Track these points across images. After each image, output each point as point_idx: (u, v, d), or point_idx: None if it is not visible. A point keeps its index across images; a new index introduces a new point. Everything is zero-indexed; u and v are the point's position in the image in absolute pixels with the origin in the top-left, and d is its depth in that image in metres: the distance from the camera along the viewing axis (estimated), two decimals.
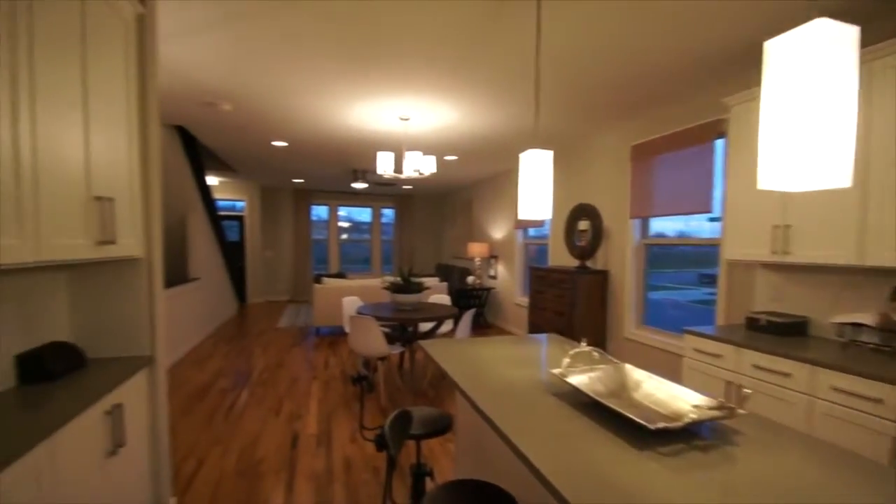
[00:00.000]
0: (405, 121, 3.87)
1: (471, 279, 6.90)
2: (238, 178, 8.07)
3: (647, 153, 3.79)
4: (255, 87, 3.24)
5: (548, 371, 1.64)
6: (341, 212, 9.78)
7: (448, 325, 4.48)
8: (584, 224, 4.37)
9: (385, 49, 2.60)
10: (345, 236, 9.81)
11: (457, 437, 2.29)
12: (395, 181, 7.46)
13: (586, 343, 1.61)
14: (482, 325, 6.85)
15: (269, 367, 4.61)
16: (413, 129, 4.21)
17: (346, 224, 9.87)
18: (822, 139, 0.84)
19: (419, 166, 3.67)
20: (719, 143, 3.18)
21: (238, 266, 8.49)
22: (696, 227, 3.66)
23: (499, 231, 6.93)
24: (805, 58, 0.84)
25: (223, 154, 5.78)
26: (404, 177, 3.80)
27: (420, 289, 3.78)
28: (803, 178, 0.86)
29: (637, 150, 3.90)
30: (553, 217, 5.33)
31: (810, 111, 0.84)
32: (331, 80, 3.09)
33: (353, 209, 9.92)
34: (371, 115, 3.82)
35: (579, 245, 4.49)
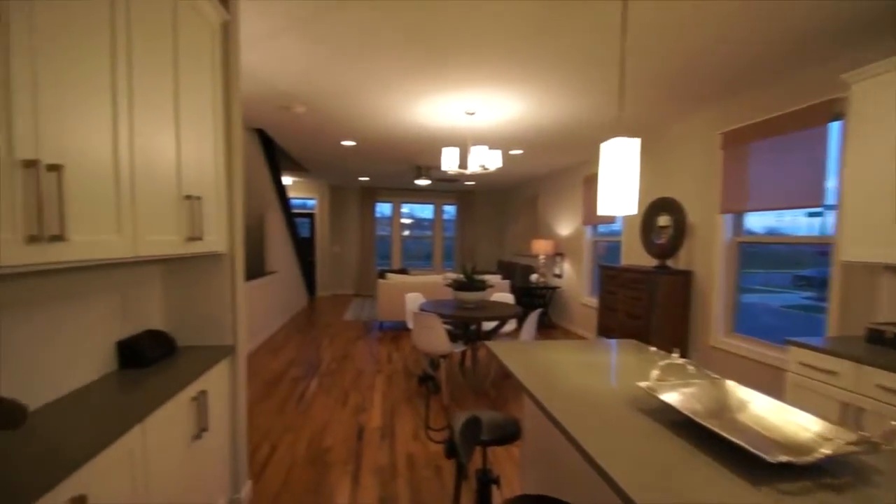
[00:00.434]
0: (471, 115, 3.79)
1: (534, 277, 6.68)
2: (310, 177, 8.51)
3: (741, 140, 3.38)
4: (328, 88, 3.35)
5: (634, 383, 1.49)
6: (404, 208, 9.97)
7: (511, 324, 4.35)
8: (664, 220, 4.01)
9: (459, 40, 2.54)
10: (406, 233, 10.00)
11: (523, 444, 2.18)
12: (458, 177, 7.43)
13: (678, 354, 1.43)
14: (546, 325, 6.62)
15: (336, 358, 4.79)
16: (478, 123, 4.12)
17: (408, 220, 10.05)
18: None
19: (485, 161, 3.58)
20: (834, 127, 2.74)
21: (308, 261, 8.97)
22: (790, 223, 3.21)
23: (565, 227, 6.64)
24: None
25: (297, 155, 6.10)
26: (469, 172, 3.74)
27: (483, 287, 3.70)
28: None
29: (730, 138, 3.50)
30: (614, 213, 4.97)
31: None
32: (401, 76, 3.10)
33: (415, 206, 10.07)
34: (437, 110, 3.79)
35: (658, 243, 4.14)
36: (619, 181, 1.55)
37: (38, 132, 0.92)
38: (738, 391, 1.32)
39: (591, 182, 5.77)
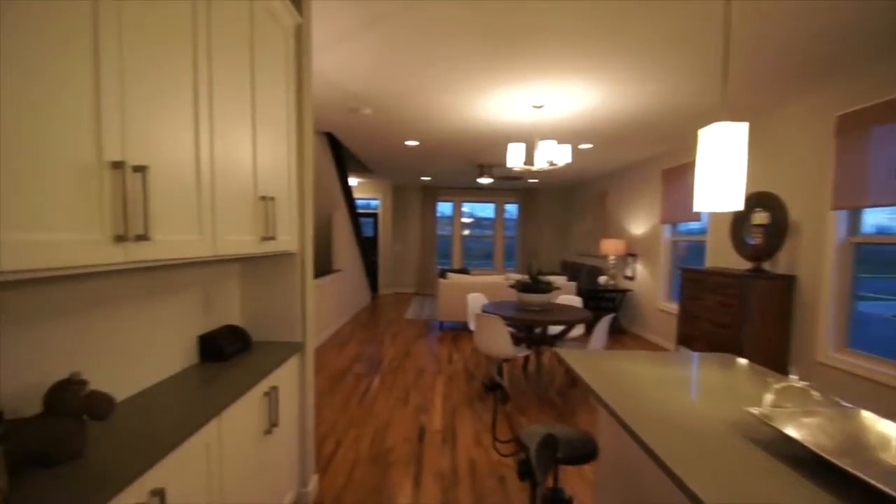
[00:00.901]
0: (538, 109, 3.63)
1: (603, 279, 6.30)
2: (374, 178, 8.75)
3: (861, 124, 2.89)
4: (394, 88, 3.36)
5: (739, 407, 1.28)
6: (465, 207, 9.93)
7: (578, 329, 4.11)
8: (760, 217, 3.56)
9: (530, 30, 2.41)
10: (466, 232, 9.95)
11: (598, 463, 2.01)
12: (522, 175, 7.23)
13: (797, 378, 1.20)
14: (615, 330, 6.23)
15: (397, 356, 4.84)
16: (546, 117, 3.94)
17: (467, 220, 9.99)
18: None
19: (553, 157, 3.40)
20: None
21: (371, 259, 9.24)
22: None
23: (639, 226, 6.19)
24: None
25: (363, 156, 6.28)
26: (535, 169, 3.57)
27: (549, 289, 3.53)
28: None
29: (847, 122, 3.01)
30: (714, 209, 4.52)
31: None
32: (467, 71, 3.03)
33: (476, 205, 9.99)
34: (503, 105, 3.67)
35: (752, 243, 3.69)
36: (722, 172, 1.35)
37: (124, 136, 0.95)
38: (878, 425, 1.08)
39: (671, 176, 5.31)
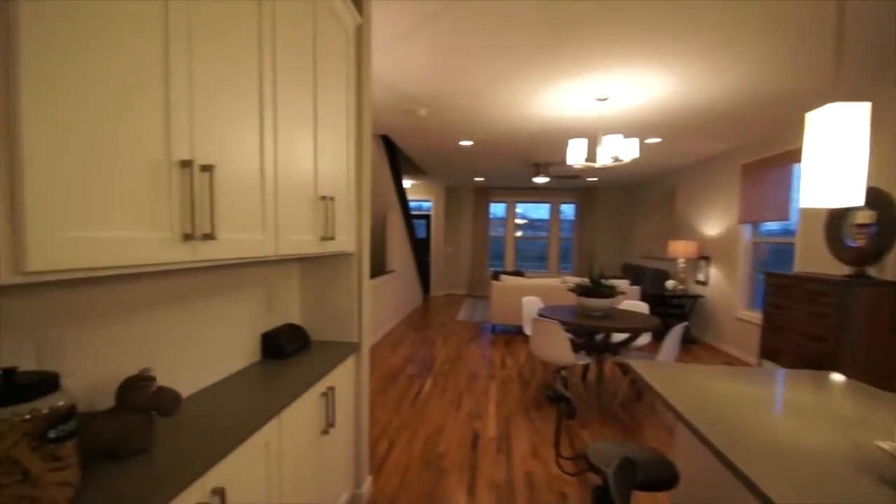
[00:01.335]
0: (602, 101, 3.42)
1: (671, 284, 5.85)
2: (427, 179, 8.81)
3: None
4: (451, 87, 3.32)
5: (864, 440, 1.07)
6: (518, 208, 9.71)
7: (644, 337, 3.83)
8: (864, 216, 3.10)
9: (596, 16, 2.26)
10: (519, 233, 9.72)
11: (677, 491, 1.81)
12: (581, 173, 6.92)
13: None
14: (685, 339, 5.76)
15: (449, 358, 4.79)
16: (610, 110, 3.71)
17: (520, 221, 9.76)
18: None
19: (619, 152, 3.18)
20: None
21: (424, 261, 9.30)
22: None
23: (713, 226, 5.69)
24: None
25: (417, 158, 6.32)
26: (598, 165, 3.37)
27: (613, 293, 3.30)
28: None
29: None
30: (805, 208, 4.05)
31: None
32: (526, 65, 2.91)
33: (529, 205, 9.73)
34: (563, 99, 3.51)
35: (854, 245, 3.23)
36: (836, 162, 1.14)
37: (192, 135, 0.96)
38: None
39: (752, 171, 4.83)
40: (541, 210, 9.70)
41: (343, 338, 2.06)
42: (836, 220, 3.51)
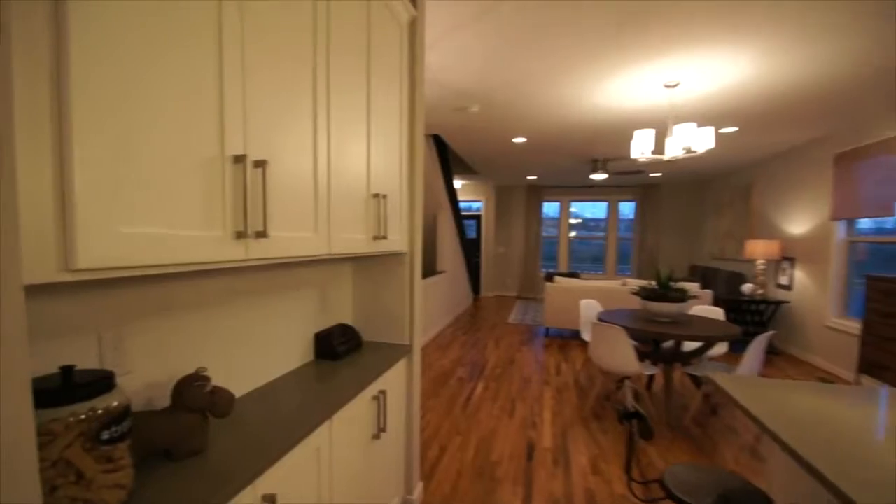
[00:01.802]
0: (671, 88, 3.14)
1: (747, 288, 5.31)
2: (477, 179, 8.71)
3: None
4: (504, 81, 3.20)
5: None
6: (572, 207, 9.32)
7: (719, 347, 3.48)
8: None
9: None
10: (573, 234, 9.32)
11: None
12: (647, 167, 6.48)
13: None
14: (766, 350, 5.20)
15: (500, 362, 4.65)
16: (681, 97, 3.40)
17: (573, 221, 9.36)
18: None
19: (692, 142, 2.89)
20: None
21: (474, 261, 9.20)
22: None
23: (799, 224, 5.09)
24: None
25: (467, 157, 6.24)
26: (668, 158, 3.09)
27: (684, 297, 3.01)
28: None
29: None
30: None
31: None
32: (587, 53, 2.73)
33: (585, 204, 9.31)
34: (628, 88, 3.26)
35: None
36: None
37: (246, 130, 0.93)
38: None
39: (848, 161, 4.25)
40: (596, 209, 9.25)
41: (394, 339, 2.01)
42: None
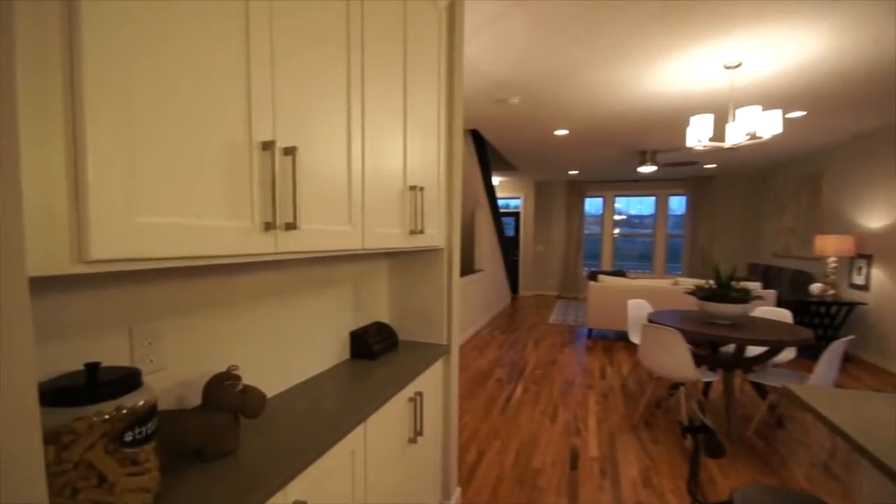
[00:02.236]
0: (732, 69, 2.86)
1: (816, 288, 4.82)
2: (515, 176, 8.51)
3: None
4: (548, 69, 3.05)
5: None
6: (617, 203, 8.90)
7: (786, 352, 3.16)
8: None
9: None
10: (617, 231, 8.91)
11: None
12: (702, 157, 6.06)
13: None
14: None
15: (541, 363, 4.49)
16: (743, 78, 3.10)
17: (617, 217, 8.94)
18: None
19: (756, 127, 2.61)
20: None
21: (512, 259, 9.01)
22: None
23: (877, 217, 4.57)
24: None
25: (506, 152, 6.08)
26: (729, 145, 2.82)
27: (747, 298, 2.75)
28: None
29: None
30: None
31: None
32: (638, 35, 2.53)
33: (631, 200, 8.86)
34: (682, 71, 3.01)
35: None
36: None
37: (275, 115, 0.87)
38: None
39: None
40: (641, 205, 8.78)
41: (431, 339, 1.93)
42: None
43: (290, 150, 0.90)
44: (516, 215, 9.34)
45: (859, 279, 4.76)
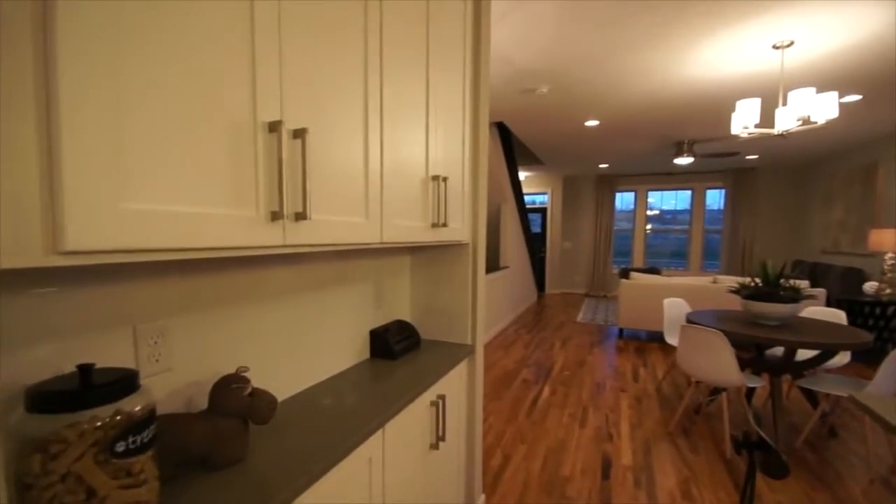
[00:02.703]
0: (782, 49, 2.63)
1: (870, 286, 4.45)
2: (542, 171, 8.29)
3: None
4: (576, 55, 2.89)
5: None
6: (651, 198, 8.53)
7: (841, 356, 2.90)
8: None
9: None
10: (649, 227, 8.54)
11: None
12: (745, 146, 5.71)
13: None
14: None
15: (569, 364, 4.32)
16: (794, 59, 2.85)
17: (649, 213, 8.57)
18: None
19: (811, 111, 2.38)
20: None
21: (539, 256, 8.80)
22: None
23: None
24: None
25: (534, 146, 5.91)
26: (779, 131, 2.59)
27: (797, 297, 2.53)
28: None
29: None
30: None
31: None
32: (674, 16, 2.35)
33: (664, 195, 8.47)
34: (726, 52, 2.79)
35: None
36: None
37: (282, 93, 0.79)
38: None
39: None
40: (675, 200, 8.38)
41: (455, 338, 1.83)
42: None
43: (299, 133, 0.82)
44: (543, 211, 9.12)
45: None
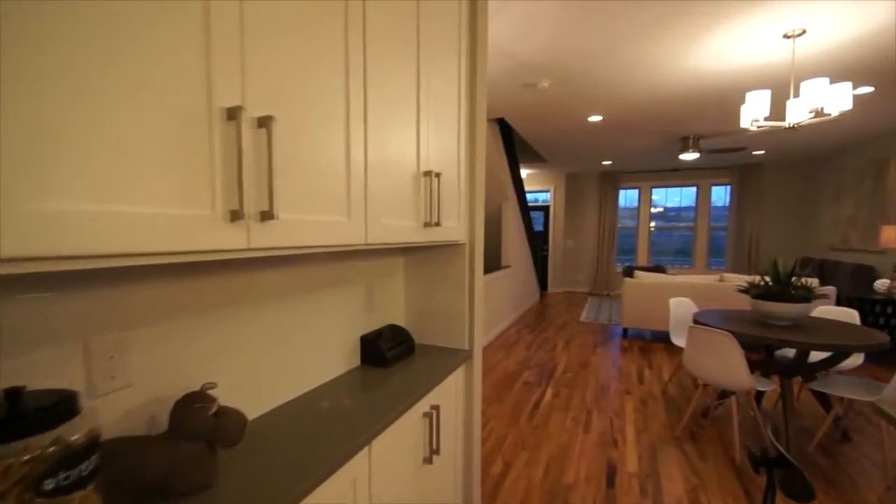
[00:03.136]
0: (794, 38, 2.51)
1: (881, 284, 4.34)
2: (544, 168, 8.18)
3: None
4: (579, 48, 2.78)
5: None
6: (655, 195, 8.41)
7: (855, 357, 2.80)
8: None
9: None
10: (653, 224, 8.42)
11: None
12: (752, 141, 5.58)
13: None
14: None
15: (572, 365, 4.23)
16: (806, 49, 2.73)
17: (653, 210, 8.45)
18: None
19: (824, 102, 2.27)
20: None
21: (541, 255, 8.69)
22: None
23: None
24: None
25: (536, 143, 5.81)
26: (790, 124, 2.48)
27: (809, 296, 2.42)
28: None
29: None
30: None
31: None
32: (677, 7, 2.24)
33: (669, 191, 8.34)
34: (734, 43, 2.68)
35: None
36: None
37: (244, 74, 0.70)
38: None
39: None
40: (679, 196, 8.25)
41: (452, 343, 1.74)
42: None
43: (264, 121, 0.73)
44: (545, 209, 9.01)
45: None
